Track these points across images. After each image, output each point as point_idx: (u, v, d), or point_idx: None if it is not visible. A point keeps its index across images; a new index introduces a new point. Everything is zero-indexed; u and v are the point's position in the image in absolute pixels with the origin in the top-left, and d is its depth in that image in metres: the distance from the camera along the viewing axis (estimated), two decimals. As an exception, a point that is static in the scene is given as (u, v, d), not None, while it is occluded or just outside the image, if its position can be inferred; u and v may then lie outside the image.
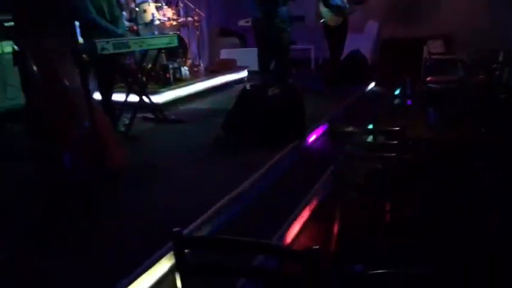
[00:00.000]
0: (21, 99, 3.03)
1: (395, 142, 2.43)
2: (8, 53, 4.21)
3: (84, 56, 2.88)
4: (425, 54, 6.99)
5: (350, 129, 2.83)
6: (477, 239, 2.65)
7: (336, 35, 5.51)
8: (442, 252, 2.55)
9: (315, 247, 1.20)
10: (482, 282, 2.22)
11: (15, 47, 2.94)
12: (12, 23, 3.05)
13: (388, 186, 2.56)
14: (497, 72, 4.99)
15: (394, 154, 2.43)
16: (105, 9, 3.98)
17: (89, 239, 2.28)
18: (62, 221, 2.46)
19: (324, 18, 5.41)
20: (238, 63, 7.18)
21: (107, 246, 2.21)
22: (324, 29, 5.58)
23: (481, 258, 2.44)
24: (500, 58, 5.31)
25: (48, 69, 2.68)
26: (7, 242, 2.26)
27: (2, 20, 4.12)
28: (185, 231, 2.23)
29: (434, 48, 7.41)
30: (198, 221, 2.39)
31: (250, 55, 7.34)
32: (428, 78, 5.02)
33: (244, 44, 8.52)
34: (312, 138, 4.12)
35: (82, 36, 3.78)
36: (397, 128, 2.40)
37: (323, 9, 5.40)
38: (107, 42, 3.55)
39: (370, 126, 3.26)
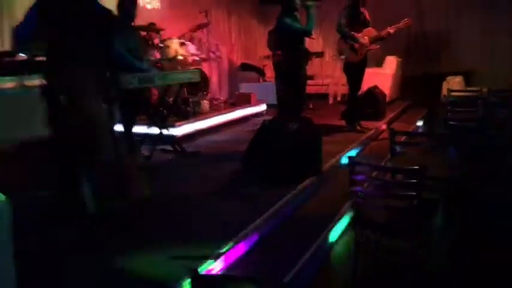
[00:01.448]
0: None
1: (415, 181, 2.40)
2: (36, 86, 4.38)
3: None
4: (444, 91, 6.98)
5: (369, 165, 2.82)
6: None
7: (355, 71, 5.58)
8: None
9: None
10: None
11: (43, 81, 3.09)
12: (43, 58, 3.22)
13: (409, 226, 2.51)
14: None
15: (414, 193, 2.40)
16: (132, 44, 4.14)
17: (106, 270, 2.30)
18: (81, 250, 2.49)
19: (345, 54, 5.50)
20: (257, 97, 7.29)
21: (121, 276, 2.22)
22: (344, 65, 5.66)
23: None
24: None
25: (76, 102, 2.79)
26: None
27: (33, 54, 4.33)
28: (201, 266, 2.23)
29: (453, 84, 7.41)
30: (213, 255, 2.38)
31: (268, 89, 7.47)
32: (447, 116, 4.99)
33: (263, 78, 8.68)
34: (329, 174, 4.11)
35: (108, 69, 3.93)
36: (417, 167, 2.38)
37: (344, 46, 5.50)
38: (133, 77, 3.68)
39: (389, 164, 3.24)
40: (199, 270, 1.32)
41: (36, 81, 4.17)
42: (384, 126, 5.97)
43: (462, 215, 3.00)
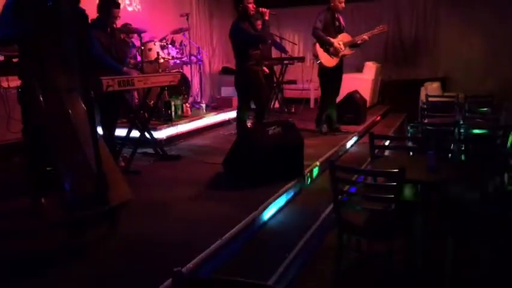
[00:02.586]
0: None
1: (394, 184, 2.44)
2: (13, 88, 4.29)
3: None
4: (422, 96, 7.14)
5: (349, 169, 2.86)
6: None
7: (329, 76, 5.63)
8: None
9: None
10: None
11: (20, 83, 3.03)
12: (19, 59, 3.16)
13: (388, 228, 2.55)
14: (493, 116, 5.08)
15: (393, 196, 2.45)
16: (111, 47, 4.10)
17: (86, 274, 2.26)
18: (59, 254, 2.45)
19: (320, 59, 5.56)
20: (239, 101, 7.29)
21: (104, 281, 2.19)
22: (319, 70, 5.72)
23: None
24: (495, 102, 5.42)
25: (56, 105, 2.74)
26: None
27: (10, 56, 4.24)
28: (183, 269, 2.21)
29: (431, 90, 7.58)
30: (197, 259, 2.37)
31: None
32: (425, 120, 5.10)
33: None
34: (310, 177, 4.15)
35: (88, 71, 3.88)
36: (396, 170, 2.43)
37: (319, 50, 5.56)
38: (112, 80, 3.64)
39: (369, 167, 3.29)
40: (182, 272, 1.31)
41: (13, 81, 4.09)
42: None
43: (440, 218, 3.07)
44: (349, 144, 5.55)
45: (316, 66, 5.85)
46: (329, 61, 5.55)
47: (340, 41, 5.51)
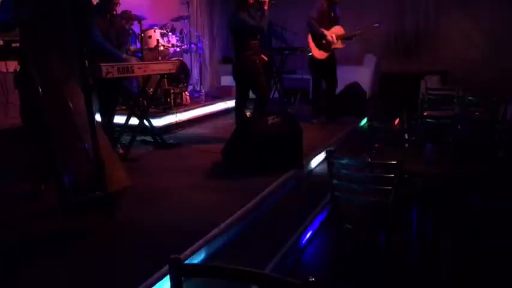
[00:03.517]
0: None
1: (392, 175, 2.45)
2: (12, 73, 4.27)
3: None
4: (422, 89, 7.12)
5: (347, 160, 2.86)
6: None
7: (320, 67, 5.61)
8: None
9: (310, 279, 1.21)
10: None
11: (18, 68, 3.02)
12: (18, 44, 3.13)
13: (384, 219, 2.57)
14: (492, 109, 5.07)
15: (390, 187, 2.45)
16: (111, 33, 4.07)
17: (83, 260, 2.27)
18: (56, 239, 2.46)
19: (311, 50, 5.54)
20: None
21: (100, 267, 2.20)
22: (309, 61, 5.70)
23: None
24: (495, 95, 5.42)
25: (53, 90, 2.73)
26: None
27: (9, 40, 4.20)
28: (181, 256, 2.23)
29: (431, 83, 7.56)
30: (194, 246, 2.39)
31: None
32: (425, 113, 5.10)
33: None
34: (309, 168, 4.15)
35: (87, 58, 3.85)
36: (394, 162, 2.43)
37: (311, 42, 5.54)
38: (112, 66, 3.62)
39: (368, 159, 3.29)
40: (179, 259, 1.32)
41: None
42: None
43: (437, 211, 3.08)
44: (347, 135, 5.55)
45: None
46: (320, 53, 5.54)
47: (333, 33, 5.47)
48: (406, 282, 2.59)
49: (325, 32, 5.43)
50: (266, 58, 5.03)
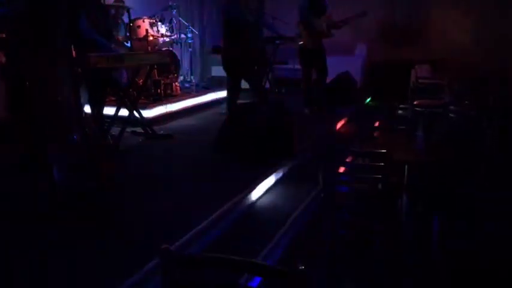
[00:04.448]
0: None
1: (381, 164, 2.47)
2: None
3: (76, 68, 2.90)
4: (412, 78, 7.15)
5: (339, 149, 2.87)
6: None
7: (310, 57, 5.62)
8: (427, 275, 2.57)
9: (301, 267, 1.21)
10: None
11: (3, 60, 2.97)
12: (3, 35, 3.08)
13: (374, 207, 2.59)
14: (482, 98, 5.12)
15: (380, 176, 2.47)
16: (100, 23, 4.01)
17: (71, 251, 2.26)
18: (47, 233, 2.44)
19: (302, 40, 5.55)
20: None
21: (91, 259, 2.19)
22: (300, 51, 5.70)
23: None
24: (485, 84, 5.47)
25: (41, 81, 2.69)
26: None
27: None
28: (173, 247, 2.23)
29: (421, 72, 7.59)
30: (186, 237, 2.39)
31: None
32: (415, 102, 5.13)
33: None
34: (301, 157, 4.16)
35: (75, 48, 3.80)
36: (384, 151, 2.45)
37: (303, 31, 5.53)
38: (101, 57, 3.58)
39: (358, 148, 3.31)
40: (169, 249, 1.32)
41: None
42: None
43: (426, 199, 3.11)
44: (339, 125, 5.56)
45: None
46: (311, 43, 5.54)
47: (323, 22, 5.49)
48: (399, 270, 2.62)
49: (318, 23, 5.43)
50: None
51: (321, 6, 5.50)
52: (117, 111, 4.37)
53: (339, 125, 5.55)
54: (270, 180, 3.48)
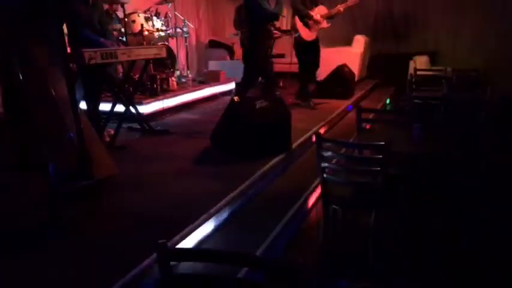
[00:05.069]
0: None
1: (380, 156, 2.45)
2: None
3: (71, 65, 2.85)
4: (411, 70, 7.13)
5: (336, 142, 2.85)
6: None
7: (306, 49, 5.60)
8: (427, 267, 2.57)
9: (300, 261, 1.20)
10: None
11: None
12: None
13: (374, 200, 2.58)
14: (479, 90, 5.10)
15: (379, 168, 2.45)
16: (93, 18, 3.97)
17: (71, 249, 2.25)
18: (44, 229, 2.43)
19: (298, 31, 5.52)
20: (226, 75, 7.21)
21: (90, 256, 2.18)
22: (296, 43, 5.68)
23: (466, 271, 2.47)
24: (483, 75, 5.45)
25: (35, 79, 2.65)
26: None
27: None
28: (170, 243, 2.21)
29: (420, 64, 7.57)
30: (184, 231, 2.37)
31: (237, 67, 7.38)
32: (413, 94, 5.11)
33: (232, 56, 8.56)
34: (298, 151, 4.14)
35: (69, 44, 3.76)
36: (382, 143, 2.43)
37: (298, 23, 5.51)
38: (95, 52, 3.53)
39: (356, 141, 3.29)
40: (168, 245, 1.30)
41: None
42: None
43: (422, 191, 3.10)
44: (337, 117, 5.55)
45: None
46: (308, 35, 5.51)
47: (318, 13, 5.46)
48: (396, 262, 2.62)
49: (312, 13, 5.40)
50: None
51: None
52: (113, 107, 4.34)
53: (337, 118, 5.53)
54: (268, 175, 3.47)
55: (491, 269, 2.52)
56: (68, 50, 3.68)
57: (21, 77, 2.63)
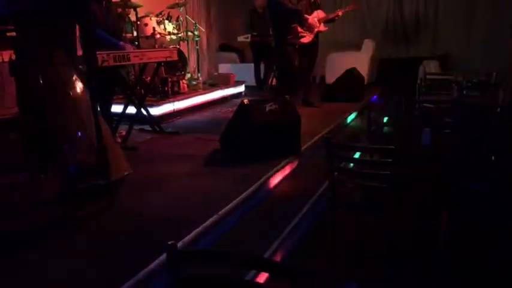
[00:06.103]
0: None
1: (390, 160, 2.45)
2: (7, 62, 4.22)
3: (82, 67, 2.91)
4: (420, 74, 7.09)
5: (346, 146, 2.86)
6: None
7: (304, 52, 5.62)
8: (437, 270, 2.56)
9: (309, 268, 1.21)
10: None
11: (13, 57, 2.98)
12: (13, 33, 3.10)
13: (383, 204, 2.58)
14: (490, 94, 5.07)
15: (388, 172, 2.46)
16: (108, 21, 4.03)
17: (82, 248, 2.29)
18: (57, 228, 2.47)
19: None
20: (236, 78, 7.25)
21: (101, 256, 2.22)
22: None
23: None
24: (493, 79, 5.40)
25: (55, 80, 2.70)
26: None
27: (3, 30, 4.16)
28: (180, 244, 2.24)
29: (429, 68, 7.53)
30: (193, 233, 2.40)
31: (248, 70, 7.43)
32: (423, 98, 5.09)
33: (242, 59, 8.61)
34: (307, 154, 4.15)
35: (82, 47, 3.82)
36: (392, 147, 2.43)
37: (296, 26, 5.56)
38: (108, 55, 3.59)
39: (365, 144, 3.29)
40: (176, 245, 1.33)
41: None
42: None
43: (436, 195, 3.09)
44: (346, 120, 5.55)
45: None
46: (303, 38, 5.54)
47: (315, 17, 5.50)
48: (406, 265, 2.61)
49: (307, 16, 5.45)
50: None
51: (311, 2, 5.57)
52: (125, 109, 4.40)
53: (346, 121, 5.53)
54: (277, 177, 3.48)
55: (500, 273, 2.50)
56: (79, 52, 3.77)
57: (41, 79, 2.67)
